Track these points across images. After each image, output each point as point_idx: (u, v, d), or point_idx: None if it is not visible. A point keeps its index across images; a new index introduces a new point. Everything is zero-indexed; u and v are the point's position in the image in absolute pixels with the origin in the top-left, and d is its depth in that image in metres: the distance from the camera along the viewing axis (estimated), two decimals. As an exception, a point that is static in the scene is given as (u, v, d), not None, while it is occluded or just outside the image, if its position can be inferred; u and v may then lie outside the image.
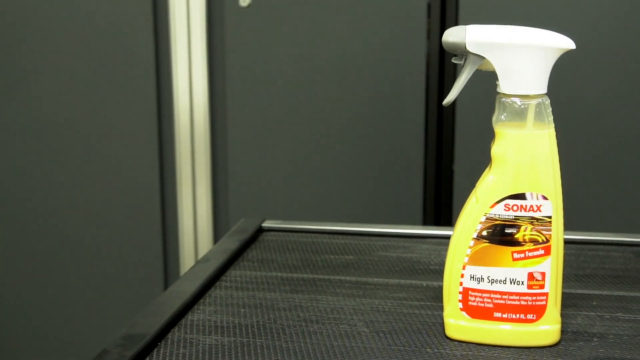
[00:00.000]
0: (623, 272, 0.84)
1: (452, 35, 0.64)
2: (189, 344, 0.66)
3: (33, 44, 1.68)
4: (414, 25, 1.54)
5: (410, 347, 0.65)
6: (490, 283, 0.65)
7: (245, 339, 0.67)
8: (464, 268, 0.65)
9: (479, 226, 0.64)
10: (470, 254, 0.65)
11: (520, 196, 0.63)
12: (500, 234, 0.64)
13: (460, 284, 0.65)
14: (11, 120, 1.72)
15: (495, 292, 0.65)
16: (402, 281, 0.81)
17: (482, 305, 0.65)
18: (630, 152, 1.50)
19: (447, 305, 0.67)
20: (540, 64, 0.63)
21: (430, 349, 0.65)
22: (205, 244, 1.72)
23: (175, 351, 0.65)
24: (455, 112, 1.54)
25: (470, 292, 0.65)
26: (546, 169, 0.63)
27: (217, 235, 1.72)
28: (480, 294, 0.65)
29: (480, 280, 0.65)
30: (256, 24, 1.59)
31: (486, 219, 0.64)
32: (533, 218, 0.63)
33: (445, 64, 1.55)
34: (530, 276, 0.64)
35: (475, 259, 0.65)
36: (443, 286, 0.67)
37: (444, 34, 0.65)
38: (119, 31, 1.64)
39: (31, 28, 1.67)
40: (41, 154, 1.72)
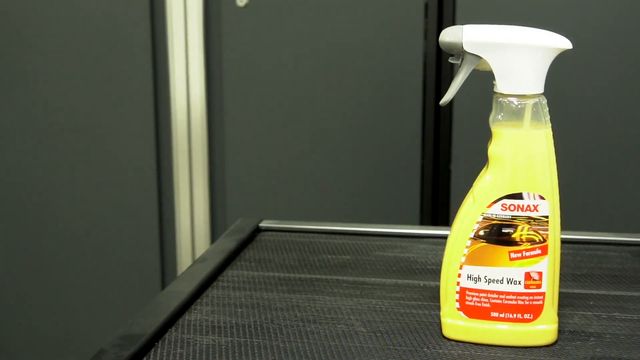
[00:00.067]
0: (620, 272, 0.84)
1: (449, 35, 0.64)
2: (186, 343, 0.66)
3: (30, 43, 1.68)
4: (411, 25, 1.54)
5: (407, 347, 0.65)
6: (487, 283, 0.65)
7: (243, 339, 0.67)
8: (461, 268, 0.65)
9: (476, 226, 0.64)
10: (467, 253, 0.65)
11: (517, 196, 0.63)
12: (497, 234, 0.64)
13: (458, 283, 0.66)
14: (7, 119, 1.71)
15: (492, 292, 0.65)
16: (400, 281, 0.81)
17: (479, 305, 0.65)
18: (627, 152, 1.51)
19: (444, 305, 0.67)
20: (537, 63, 0.63)
21: (428, 348, 0.65)
22: (203, 244, 1.71)
23: (172, 351, 0.65)
24: (453, 112, 1.54)
25: (467, 292, 0.65)
26: (543, 168, 0.63)
27: (215, 235, 1.72)
28: (477, 294, 0.65)
29: (477, 280, 0.65)
30: (253, 23, 1.59)
31: (483, 218, 0.64)
32: (530, 218, 0.64)
33: (442, 64, 1.55)
34: (527, 276, 0.64)
35: (472, 259, 0.65)
36: (440, 286, 0.67)
37: (441, 33, 0.65)
38: (116, 31, 1.64)
39: (28, 27, 1.67)
40: (38, 153, 1.72)
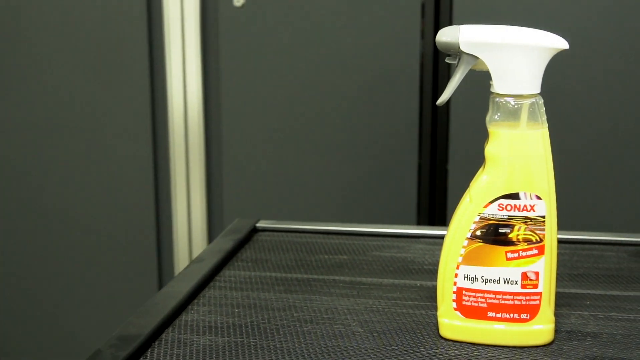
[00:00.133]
0: (617, 272, 0.84)
1: (446, 35, 0.64)
2: (182, 344, 0.66)
3: (28, 43, 1.67)
4: (408, 25, 1.54)
5: (404, 347, 0.65)
6: (484, 283, 0.65)
7: (240, 339, 0.67)
8: (457, 268, 0.65)
9: (473, 226, 0.64)
10: (464, 253, 0.65)
11: (514, 196, 0.63)
12: (494, 234, 0.64)
13: (454, 283, 0.66)
14: (3, 119, 1.71)
15: (489, 292, 0.65)
16: (396, 281, 0.81)
17: (476, 304, 0.65)
18: (624, 152, 1.51)
19: (441, 305, 0.67)
20: (534, 64, 0.63)
21: (424, 348, 0.65)
22: (200, 244, 1.71)
23: (169, 351, 0.65)
24: (449, 112, 1.54)
25: (464, 292, 0.65)
26: (540, 168, 0.63)
27: (212, 235, 1.72)
28: (474, 294, 0.65)
29: (474, 280, 0.65)
30: (250, 23, 1.59)
31: (480, 218, 0.64)
32: (527, 218, 0.64)
33: (439, 64, 1.55)
34: (524, 276, 0.64)
35: (469, 259, 0.65)
36: (437, 286, 0.67)
37: (438, 33, 0.65)
38: (113, 30, 1.64)
39: (25, 27, 1.67)
40: (34, 152, 1.72)
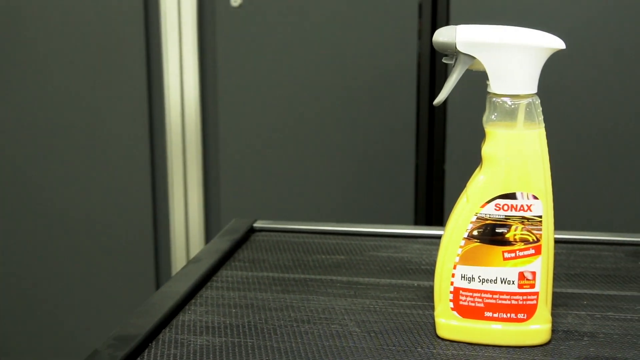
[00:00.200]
0: (614, 272, 0.84)
1: (443, 35, 0.64)
2: (180, 344, 0.66)
3: (24, 42, 1.67)
4: (405, 26, 1.54)
5: (401, 347, 0.65)
6: (481, 283, 0.65)
7: (237, 339, 0.67)
8: (454, 268, 0.65)
9: (470, 226, 0.64)
10: (461, 253, 0.65)
11: (511, 196, 0.64)
12: (490, 234, 0.64)
13: (451, 283, 0.66)
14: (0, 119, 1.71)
15: (486, 292, 0.65)
16: (394, 281, 0.81)
17: (473, 304, 0.65)
18: (621, 152, 1.51)
19: (438, 304, 0.67)
20: (531, 64, 0.63)
21: (422, 348, 0.65)
22: (197, 244, 1.71)
23: (166, 352, 0.65)
24: (446, 112, 1.55)
25: (461, 292, 0.65)
26: (536, 168, 0.64)
27: (209, 236, 1.72)
28: (471, 294, 0.65)
29: (471, 279, 0.65)
30: (247, 23, 1.59)
31: (477, 218, 0.64)
32: (524, 217, 0.64)
33: (436, 64, 1.55)
34: (521, 276, 0.64)
35: (466, 259, 0.65)
36: (434, 286, 0.67)
37: (435, 34, 0.65)
38: (110, 31, 1.64)
39: (22, 27, 1.66)
40: (32, 153, 1.71)
